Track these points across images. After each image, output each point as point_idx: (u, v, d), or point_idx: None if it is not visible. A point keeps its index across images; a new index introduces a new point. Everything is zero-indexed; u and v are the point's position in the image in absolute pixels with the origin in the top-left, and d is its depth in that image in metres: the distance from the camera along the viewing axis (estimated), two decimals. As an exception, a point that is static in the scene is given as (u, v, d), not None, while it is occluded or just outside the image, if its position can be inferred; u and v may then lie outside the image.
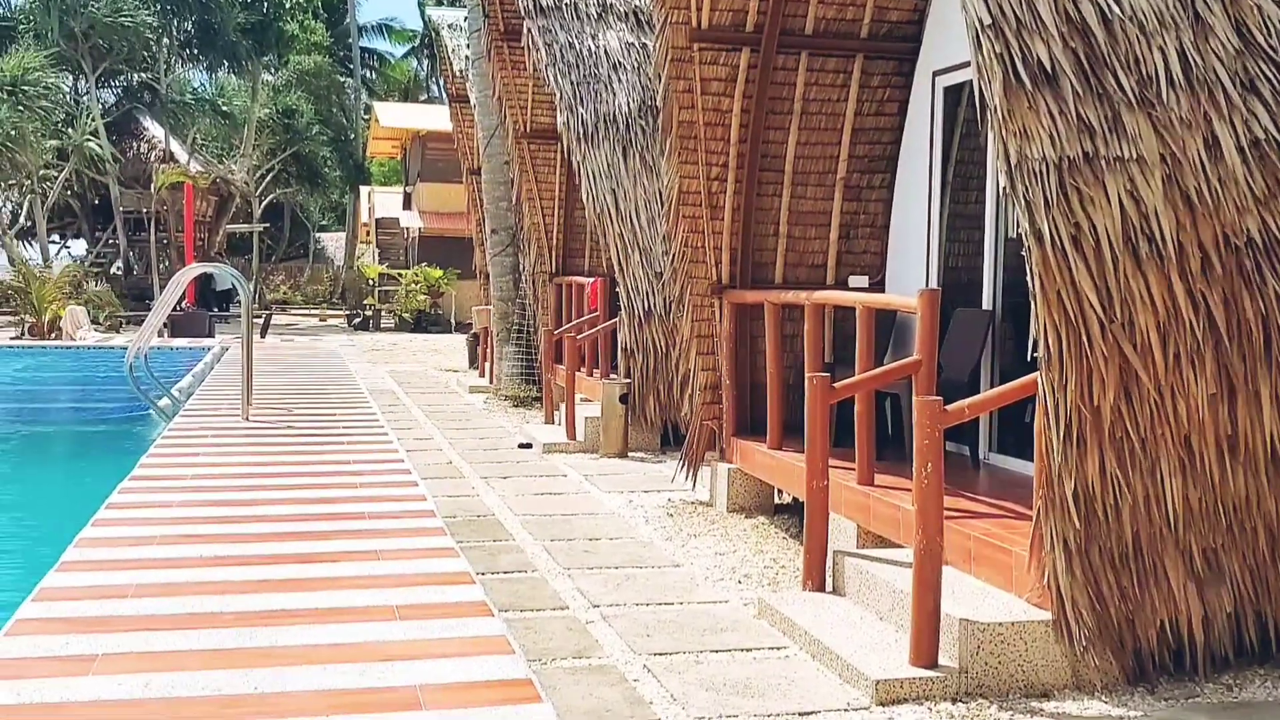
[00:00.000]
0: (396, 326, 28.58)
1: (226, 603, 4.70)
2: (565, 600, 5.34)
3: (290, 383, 13.72)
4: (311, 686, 3.83)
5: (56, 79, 29.23)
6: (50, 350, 20.70)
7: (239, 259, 34.17)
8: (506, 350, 13.43)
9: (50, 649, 4.12)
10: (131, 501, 6.65)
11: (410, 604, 4.75)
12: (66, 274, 26.94)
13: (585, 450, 9.61)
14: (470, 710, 3.66)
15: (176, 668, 3.95)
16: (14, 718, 3.52)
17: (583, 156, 10.13)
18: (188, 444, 8.82)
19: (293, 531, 5.96)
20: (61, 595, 4.77)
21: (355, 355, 19.37)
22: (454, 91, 18.15)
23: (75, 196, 32.38)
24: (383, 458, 8.40)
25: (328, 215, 47.49)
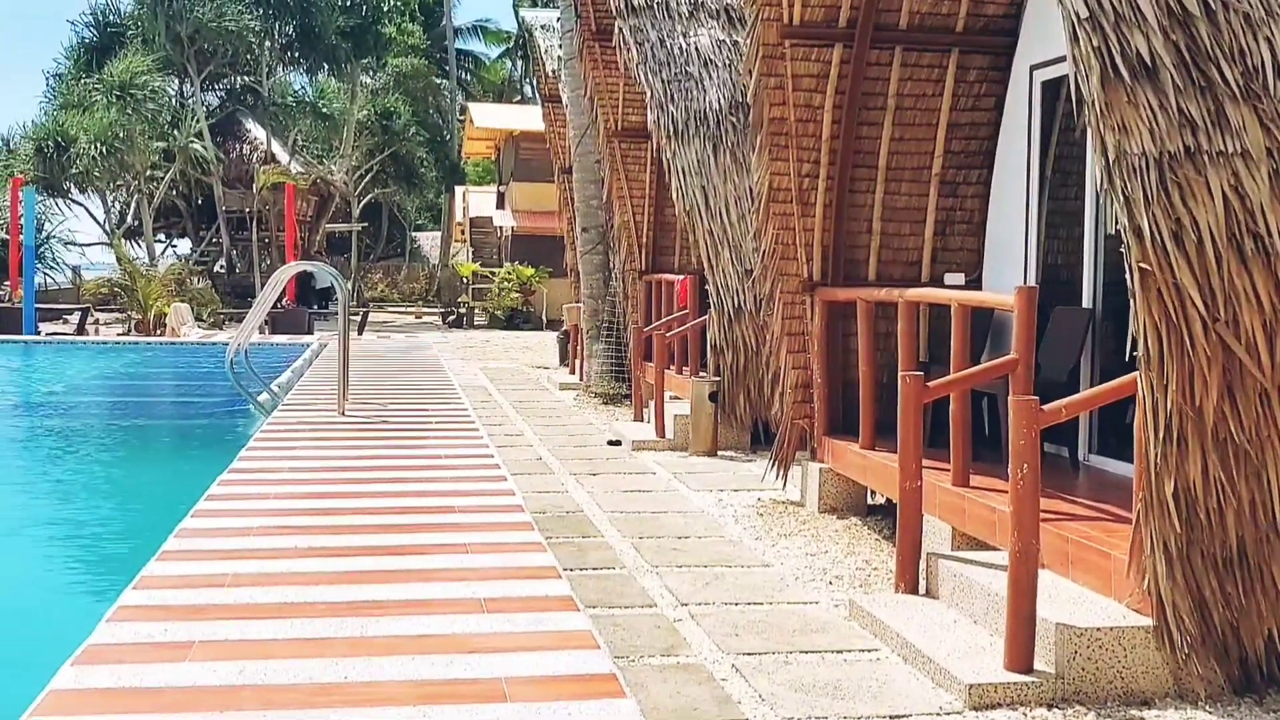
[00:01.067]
0: (489, 324, 28.89)
1: (319, 593, 4.77)
2: (653, 598, 5.32)
3: (385, 378, 13.94)
4: (399, 676, 3.87)
5: (163, 82, 30.13)
6: (155, 346, 21.32)
7: (338, 258, 34.86)
8: (596, 348, 13.47)
9: (150, 635, 4.22)
10: (230, 493, 6.80)
11: (497, 597, 4.77)
12: (171, 272, 27.75)
13: (674, 448, 9.59)
14: (554, 704, 3.66)
15: (269, 656, 4.02)
16: (114, 701, 3.61)
17: (673, 154, 10.11)
18: (285, 437, 8.99)
19: (384, 524, 6.04)
20: (161, 583, 4.89)
21: (449, 352, 19.61)
22: (546, 91, 18.27)
23: (181, 197, 33.28)
24: (473, 453, 8.47)
25: (423, 215, 48.17)
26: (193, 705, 3.58)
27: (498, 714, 3.59)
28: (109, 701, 3.60)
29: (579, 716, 3.58)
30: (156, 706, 3.56)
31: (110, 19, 32.37)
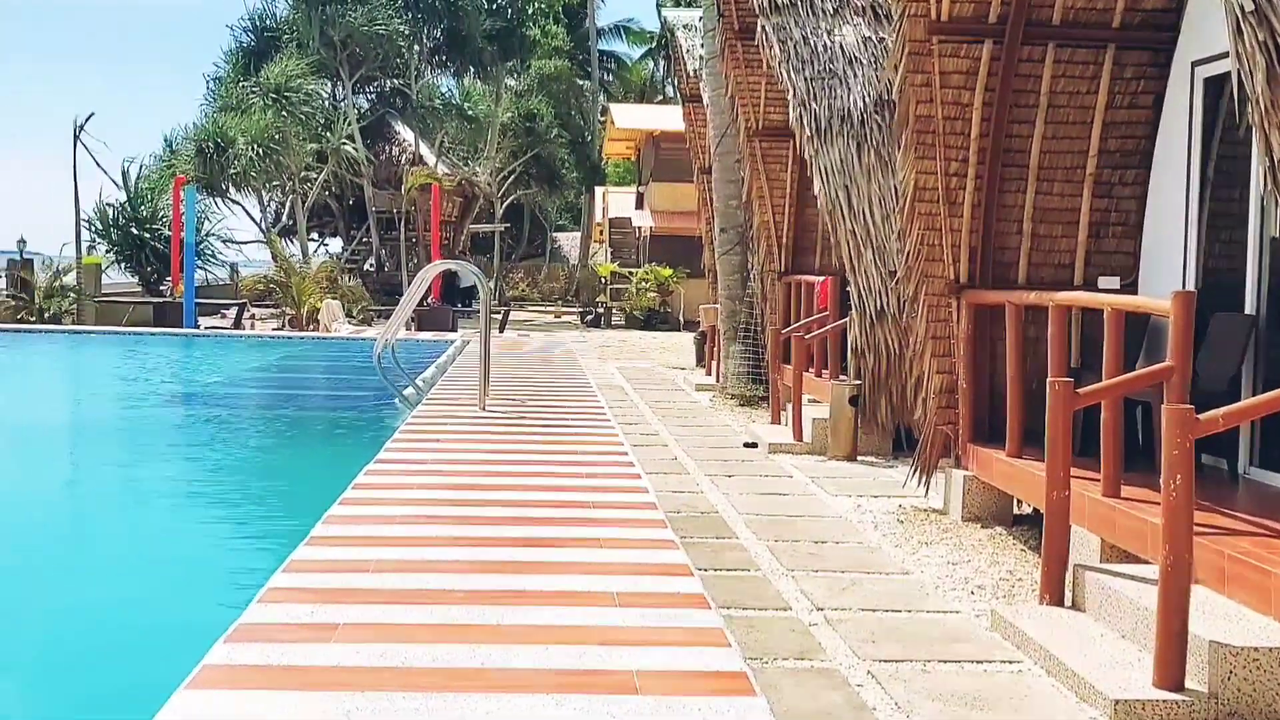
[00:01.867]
0: (626, 324, 29.06)
1: (458, 581, 4.87)
2: (788, 601, 5.28)
3: (525, 376, 14.15)
4: (534, 664, 3.92)
5: (317, 85, 31.11)
6: (307, 341, 22.06)
7: (481, 257, 35.55)
8: (733, 349, 13.42)
9: (297, 616, 4.36)
10: (375, 483, 6.98)
11: (630, 592, 4.79)
12: (324, 270, 28.66)
13: (812, 452, 9.49)
14: (684, 698, 3.66)
15: (410, 640, 4.12)
16: (263, 677, 3.74)
17: (815, 153, 10.00)
18: (428, 431, 9.19)
19: (521, 516, 6.12)
20: (309, 567, 5.05)
21: (586, 351, 19.80)
22: (687, 91, 18.29)
23: (333, 197, 34.34)
24: (609, 450, 8.53)
25: (564, 215, 48.76)
26: (337, 684, 3.68)
27: (628, 705, 3.60)
28: (258, 677, 3.73)
29: (709, 712, 3.57)
30: (303, 684, 3.68)
31: (267, 24, 33.54)
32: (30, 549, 7.19)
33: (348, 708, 3.50)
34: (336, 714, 3.46)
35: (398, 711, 3.49)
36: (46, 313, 24.24)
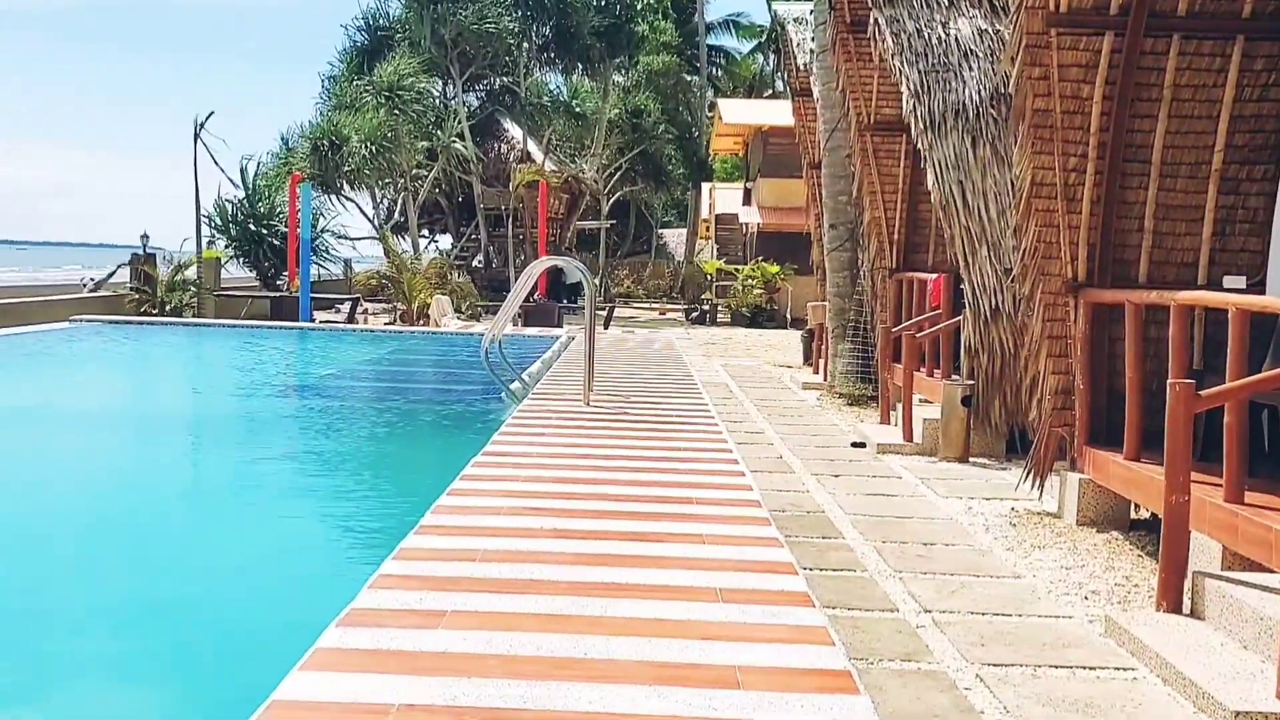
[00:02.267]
0: (732, 321, 28.98)
1: (562, 572, 4.90)
2: (895, 602, 5.20)
3: (629, 372, 14.19)
4: (636, 656, 3.93)
5: (428, 84, 31.59)
6: (417, 335, 22.44)
7: (587, 254, 35.77)
8: (842, 347, 13.28)
9: (406, 603, 4.43)
10: (482, 474, 7.06)
11: (732, 588, 4.77)
12: (434, 266, 29.13)
13: (922, 453, 9.34)
14: (786, 694, 3.63)
15: (514, 628, 4.16)
16: (373, 660, 3.82)
17: (929, 147, 9.83)
18: (534, 424, 9.28)
19: (625, 511, 6.14)
20: (418, 555, 5.13)
21: (691, 348, 19.79)
22: (797, 85, 18.14)
23: (443, 194, 34.86)
24: (713, 448, 8.50)
25: (670, 212, 48.83)
26: (444, 669, 3.74)
27: (730, 700, 3.59)
28: (368, 661, 3.81)
29: (811, 709, 3.54)
30: (411, 668, 3.74)
31: (380, 22, 34.16)
32: (154, 533, 7.45)
33: (454, 693, 3.55)
34: (443, 698, 3.51)
35: (503, 698, 3.53)
36: (168, 305, 25.06)
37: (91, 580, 6.23)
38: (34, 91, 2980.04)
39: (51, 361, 17.06)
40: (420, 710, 3.43)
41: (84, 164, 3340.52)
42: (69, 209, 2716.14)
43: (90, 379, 16.01)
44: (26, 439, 10.81)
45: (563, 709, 3.48)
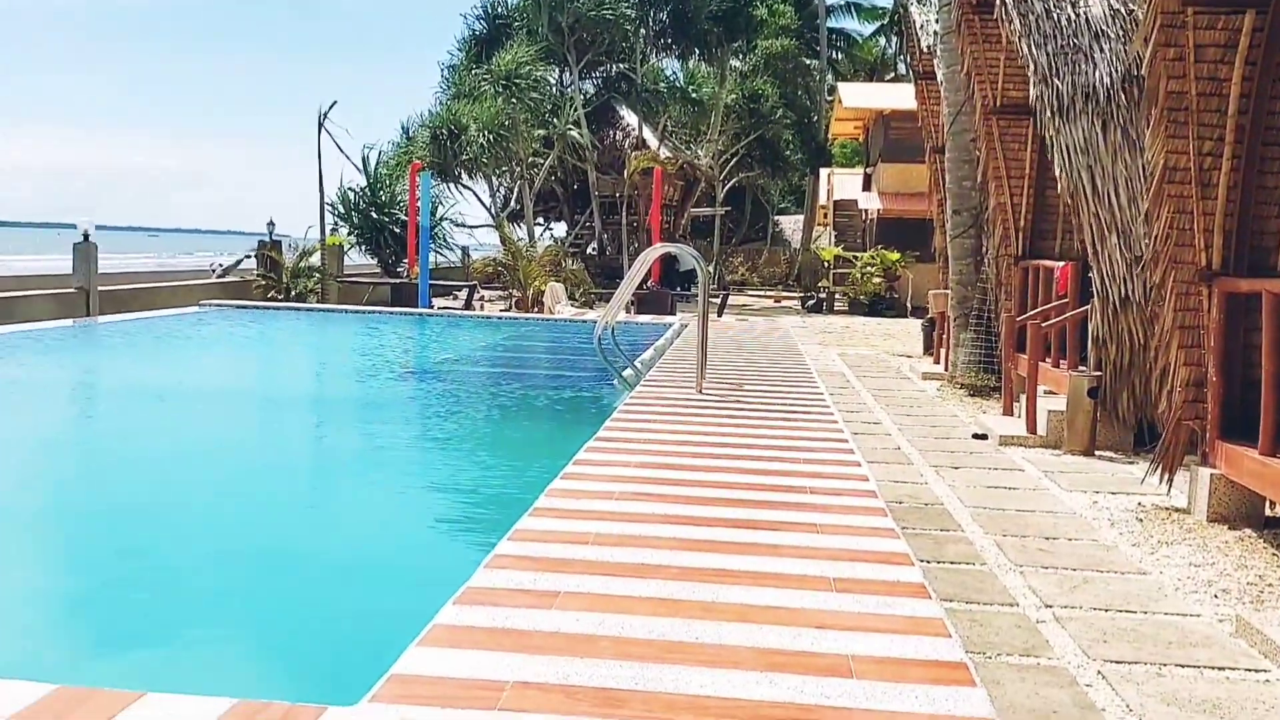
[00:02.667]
0: (849, 309, 28.67)
1: (673, 557, 4.90)
2: (1014, 597, 5.10)
3: (743, 360, 14.13)
4: (747, 642, 3.91)
5: (545, 72, 31.85)
6: (531, 322, 22.69)
7: (701, 241, 35.73)
8: (964, 336, 13.03)
9: (520, 583, 4.48)
10: (595, 459, 7.10)
11: (846, 578, 4.71)
12: (548, 253, 29.41)
13: (1046, 445, 9.13)
14: (900, 685, 3.58)
15: (626, 611, 4.17)
16: (488, 638, 3.87)
17: (1056, 131, 9.57)
18: (646, 411, 9.30)
19: (736, 499, 6.11)
20: (532, 537, 5.19)
21: (807, 336, 19.62)
22: (920, 68, 17.82)
23: (558, 181, 35.14)
24: (828, 437, 8.41)
25: (787, 198, 48.43)
26: (556, 649, 3.77)
27: (843, 688, 3.54)
28: (483, 638, 3.87)
29: (925, 700, 3.48)
30: (525, 647, 3.78)
31: (498, 11, 34.55)
32: (278, 509, 7.67)
33: (566, 672, 3.58)
34: (555, 677, 3.55)
35: (614, 679, 3.55)
36: (293, 291, 25.77)
37: (218, 553, 6.45)
38: (167, 84, 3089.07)
39: (180, 344, 17.69)
40: (534, 688, 3.47)
41: (214, 154, 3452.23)
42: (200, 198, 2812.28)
43: (216, 361, 16.56)
44: (156, 416, 11.23)
45: (673, 691, 3.48)
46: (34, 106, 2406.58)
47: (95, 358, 16.34)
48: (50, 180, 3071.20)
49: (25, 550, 6.63)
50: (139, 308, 22.51)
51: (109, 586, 5.88)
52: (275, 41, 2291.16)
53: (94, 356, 16.44)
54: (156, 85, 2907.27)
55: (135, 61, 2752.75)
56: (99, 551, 6.57)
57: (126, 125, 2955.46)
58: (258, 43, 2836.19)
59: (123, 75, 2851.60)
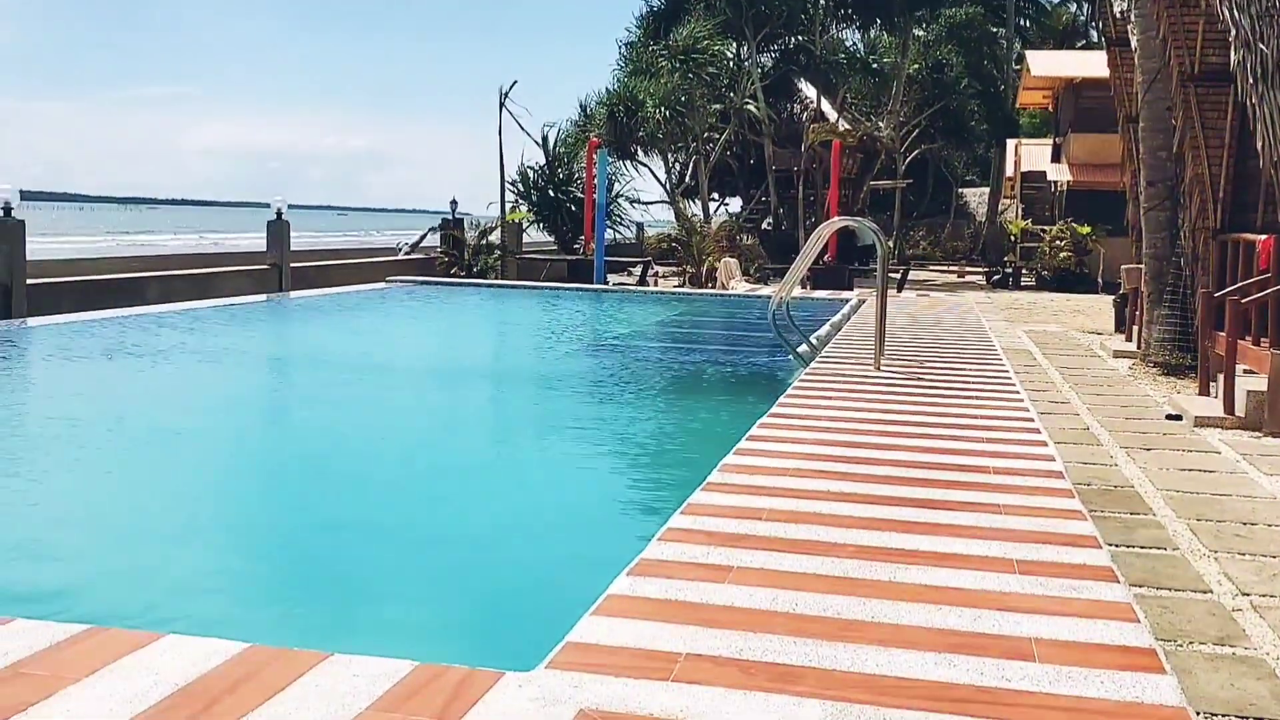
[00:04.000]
0: (1037, 285, 27.74)
1: (848, 535, 4.85)
2: (1208, 583, 4.87)
3: (923, 337, 13.84)
4: (925, 623, 3.84)
5: (722, 46, 31.70)
6: (705, 297, 22.72)
7: (881, 215, 35.05)
8: (1158, 313, 12.45)
9: (693, 556, 4.51)
10: (768, 435, 7.08)
11: (1029, 560, 4.58)
12: (723, 229, 29.37)
13: (1244, 427, 8.66)
14: (1084, 670, 3.46)
15: (800, 588, 4.15)
16: (660, 609, 3.92)
17: (1260, 98, 8.99)
18: (821, 388, 9.21)
19: (915, 477, 6.00)
20: (705, 511, 5.21)
21: (991, 313, 19.07)
22: (1113, 34, 17.01)
23: (734, 156, 34.99)
24: (1012, 416, 8.17)
25: (971, 170, 47.04)
26: (730, 623, 3.79)
27: (1024, 671, 3.45)
28: (656, 609, 3.91)
29: (1111, 686, 3.35)
30: (697, 619, 3.81)
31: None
32: (459, 478, 7.92)
33: (739, 646, 3.59)
34: (729, 650, 3.56)
35: (788, 654, 3.54)
36: (474, 268, 26.45)
37: (401, 520, 6.70)
38: (355, 67, 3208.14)
39: (368, 318, 18.40)
40: (707, 660, 3.49)
41: (400, 134, 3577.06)
42: (386, 177, 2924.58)
43: (402, 335, 17.17)
44: (346, 388, 11.72)
45: (849, 669, 3.45)
46: (232, 91, 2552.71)
47: (288, 331, 17.16)
48: (247, 161, 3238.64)
49: (223, 511, 7.03)
50: (329, 284, 23.51)
51: (300, 550, 6.18)
52: (458, 21, 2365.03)
53: (287, 330, 17.27)
54: (345, 67, 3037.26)
55: (325, 44, 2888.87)
56: (290, 515, 6.91)
57: (317, 107, 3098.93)
58: (441, 23, 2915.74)
59: (313, 58, 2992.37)
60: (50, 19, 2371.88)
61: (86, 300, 17.96)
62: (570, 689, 3.26)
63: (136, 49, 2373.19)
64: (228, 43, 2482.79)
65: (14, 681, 3.19)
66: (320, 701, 3.12)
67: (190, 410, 10.29)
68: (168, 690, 3.16)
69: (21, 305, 17.32)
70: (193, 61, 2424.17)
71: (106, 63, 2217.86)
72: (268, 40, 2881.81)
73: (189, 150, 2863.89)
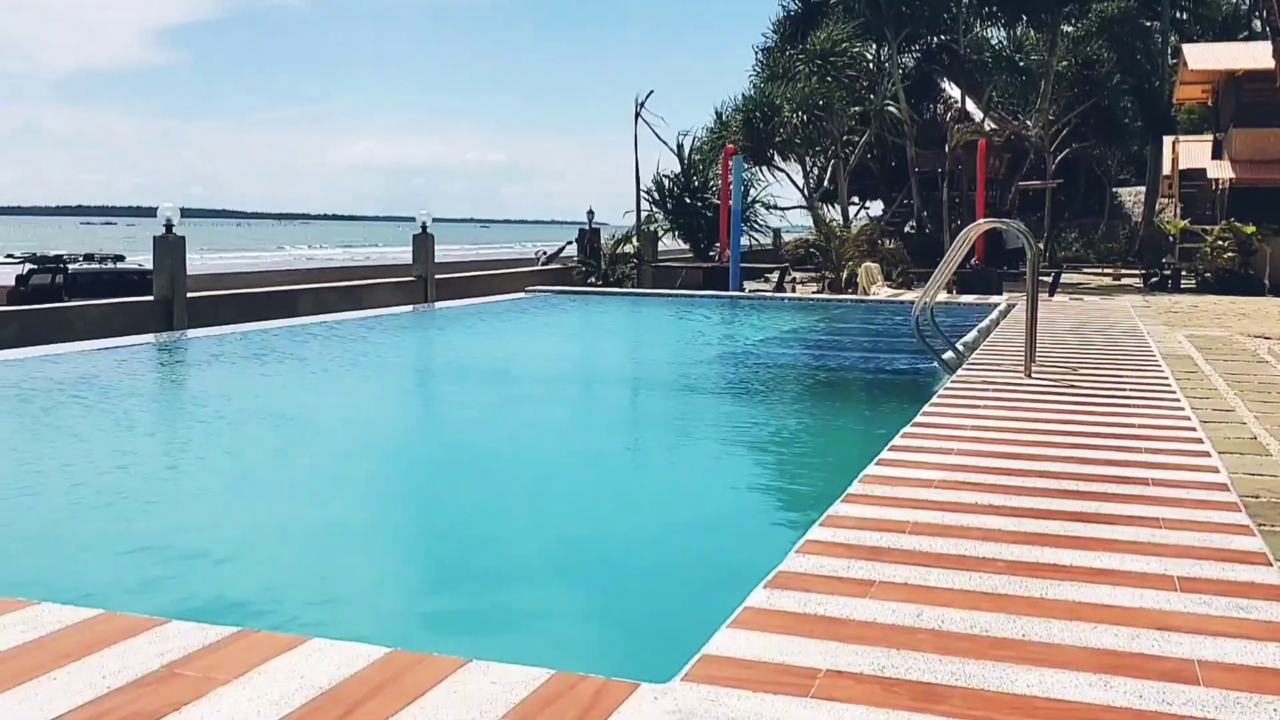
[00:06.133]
0: (1197, 287, 26.59)
1: (997, 550, 4.67)
2: (1392, 605, 4.52)
3: (1076, 342, 13.36)
4: (1080, 642, 3.66)
5: (861, 48, 31.26)
6: (845, 303, 22.40)
7: (1030, 216, 34.07)
8: (1328, 315, 11.75)
9: (833, 569, 4.40)
10: (912, 445, 6.89)
11: (1191, 577, 4.33)
12: (864, 232, 28.95)
13: None
14: (1255, 696, 3.24)
15: (946, 604, 4.00)
16: (798, 623, 3.82)
17: None
18: (968, 396, 8.95)
19: (1068, 489, 5.75)
20: (845, 523, 5.08)
21: (1149, 317, 18.31)
22: (1278, 24, 16.20)
23: (874, 159, 34.45)
24: (1172, 425, 7.79)
25: (1125, 169, 45.36)
26: (872, 639, 3.67)
27: (1187, 696, 3.25)
28: (794, 623, 3.81)
29: (1288, 718, 3.13)
30: (837, 635, 3.70)
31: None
32: (596, 487, 7.93)
33: (882, 663, 3.47)
34: (870, 667, 3.44)
35: (933, 673, 3.41)
36: (610, 277, 26.65)
37: (540, 528, 6.73)
38: (493, 81, 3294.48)
39: (510, 327, 18.66)
40: (848, 677, 3.38)
41: (538, 147, 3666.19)
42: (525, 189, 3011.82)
43: (542, 343, 17.37)
44: (490, 397, 11.89)
45: (998, 690, 3.30)
46: (375, 108, 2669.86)
47: (435, 340, 17.53)
48: (392, 177, 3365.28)
49: (372, 515, 7.17)
50: (471, 294, 23.97)
51: (443, 557, 6.26)
52: (594, 32, 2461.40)
53: (434, 339, 17.65)
54: (484, 82, 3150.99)
55: (463, 60, 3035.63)
56: (434, 522, 7.01)
57: (459, 122, 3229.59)
58: (575, 36, 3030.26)
59: (453, 74, 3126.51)
60: (206, 43, 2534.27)
61: (243, 312, 18.70)
62: (707, 703, 3.19)
63: (286, 69, 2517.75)
64: (370, 61, 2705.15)
65: (170, 681, 3.29)
66: (458, 707, 3.12)
67: (343, 417, 10.57)
68: (312, 693, 3.21)
69: (182, 317, 18.11)
70: (337, 80, 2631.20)
71: (259, 83, 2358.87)
72: (408, 58, 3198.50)
73: (337, 166, 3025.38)
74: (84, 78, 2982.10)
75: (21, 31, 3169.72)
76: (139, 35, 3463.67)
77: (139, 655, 3.47)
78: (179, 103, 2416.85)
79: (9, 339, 15.22)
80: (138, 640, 3.59)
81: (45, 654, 3.48)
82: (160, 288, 18.47)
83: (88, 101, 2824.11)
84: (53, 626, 3.71)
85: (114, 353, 13.21)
